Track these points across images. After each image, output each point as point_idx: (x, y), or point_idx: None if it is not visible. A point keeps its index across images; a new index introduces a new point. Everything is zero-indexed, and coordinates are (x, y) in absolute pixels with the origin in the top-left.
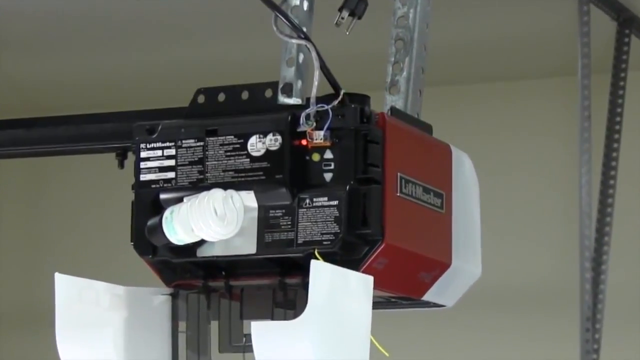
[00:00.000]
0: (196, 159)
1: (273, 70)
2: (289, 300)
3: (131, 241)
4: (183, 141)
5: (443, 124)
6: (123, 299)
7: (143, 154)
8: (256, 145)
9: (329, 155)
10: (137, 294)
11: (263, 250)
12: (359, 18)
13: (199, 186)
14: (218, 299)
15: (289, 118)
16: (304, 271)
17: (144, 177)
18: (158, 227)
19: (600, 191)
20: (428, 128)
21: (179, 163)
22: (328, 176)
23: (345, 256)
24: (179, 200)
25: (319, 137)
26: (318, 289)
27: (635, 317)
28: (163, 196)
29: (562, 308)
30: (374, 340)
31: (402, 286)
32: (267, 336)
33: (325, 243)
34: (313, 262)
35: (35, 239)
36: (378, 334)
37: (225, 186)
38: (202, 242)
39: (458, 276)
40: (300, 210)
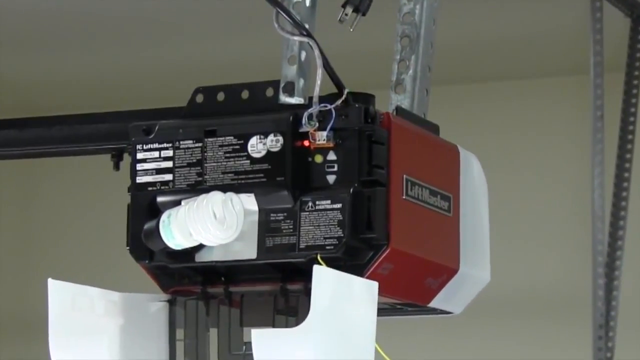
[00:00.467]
0: (194, 161)
1: (274, 68)
2: (291, 307)
3: (127, 246)
4: (181, 142)
5: (450, 124)
6: (119, 306)
7: (139, 156)
8: (257, 146)
9: (332, 156)
10: (133, 301)
11: (264, 255)
12: (363, 14)
13: (198, 189)
14: (217, 306)
15: (291, 118)
16: (306, 277)
17: (141, 180)
18: (155, 231)
19: (613, 194)
20: (435, 128)
21: (177, 165)
22: (331, 178)
23: (349, 261)
24: (177, 203)
25: (322, 138)
26: (321, 296)
27: None
28: (160, 199)
29: (574, 315)
30: (379, 348)
31: (408, 292)
32: (268, 344)
33: (328, 248)
34: (316, 268)
35: (27, 244)
36: (383, 342)
37: (224, 189)
38: (201, 247)
39: (466, 282)
40: (302, 213)
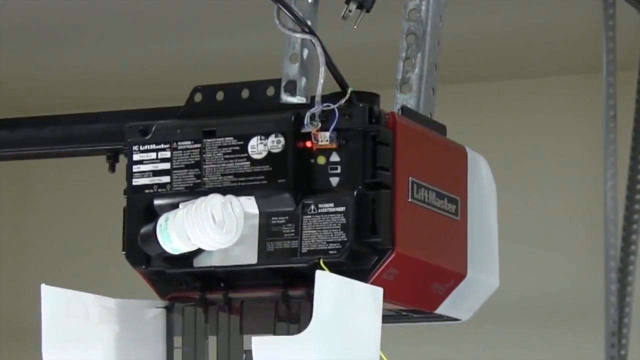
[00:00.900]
0: (193, 162)
1: (275, 66)
2: (293, 313)
3: (123, 250)
4: (179, 143)
5: (458, 125)
6: (114, 312)
7: (136, 157)
8: (257, 147)
9: (336, 158)
10: (129, 307)
11: (264, 260)
12: (368, 11)
13: (196, 191)
14: (216, 313)
15: (293, 118)
16: (309, 282)
17: (137, 182)
18: (152, 235)
19: (626, 196)
20: (442, 129)
21: (175, 166)
22: (334, 180)
23: (352, 266)
24: (175, 206)
25: (325, 139)
26: (323, 302)
27: None
28: (157, 202)
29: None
30: (384, 356)
31: (414, 298)
32: (269, 352)
33: (331, 252)
34: (318, 273)
35: (20, 248)
36: (388, 350)
37: (224, 191)
38: (199, 252)
39: (474, 288)
40: (304, 217)
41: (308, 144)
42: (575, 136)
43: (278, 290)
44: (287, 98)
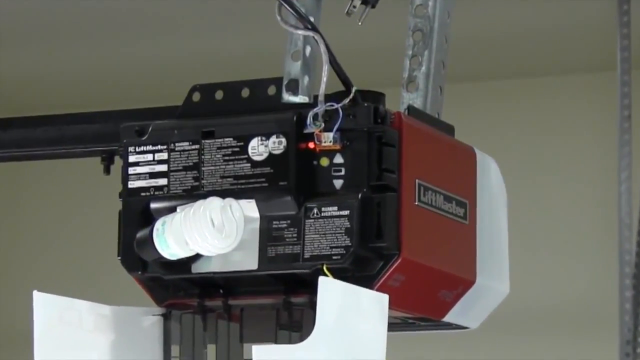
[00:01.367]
0: (191, 164)
1: (277, 64)
2: (295, 321)
3: (118, 256)
4: (176, 144)
5: (466, 125)
6: (109, 320)
7: (132, 159)
8: (258, 148)
9: (339, 159)
10: (125, 315)
11: (265, 265)
12: (373, 7)
13: (194, 194)
14: (215, 320)
15: (295, 118)
16: (311, 289)
17: (133, 184)
18: (148, 240)
19: None
20: (449, 129)
21: (172, 168)
22: (338, 183)
23: (357, 272)
24: (172, 209)
25: (328, 140)
26: (327, 309)
27: None
28: (154, 205)
29: (599, 330)
30: None
31: (421, 306)
32: None
33: (334, 258)
34: (321, 279)
35: (12, 253)
36: (393, 358)
37: (223, 194)
38: (198, 257)
39: (483, 294)
40: (307, 221)
41: (311, 145)
42: (588, 137)
43: (279, 297)
44: (289, 97)
